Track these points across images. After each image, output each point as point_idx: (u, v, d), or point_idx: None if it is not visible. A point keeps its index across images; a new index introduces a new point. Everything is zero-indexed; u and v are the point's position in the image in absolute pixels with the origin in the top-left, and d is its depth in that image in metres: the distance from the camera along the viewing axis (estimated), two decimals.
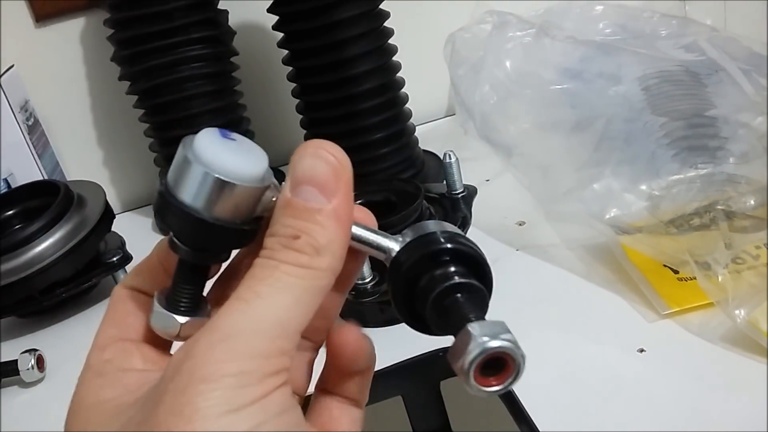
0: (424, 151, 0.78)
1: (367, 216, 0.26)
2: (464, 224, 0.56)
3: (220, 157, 0.22)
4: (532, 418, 0.41)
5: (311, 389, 0.28)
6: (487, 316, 0.24)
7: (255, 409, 0.20)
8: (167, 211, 0.23)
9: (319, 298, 0.23)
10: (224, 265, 0.27)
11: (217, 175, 0.22)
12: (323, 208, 0.23)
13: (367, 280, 0.50)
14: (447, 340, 0.42)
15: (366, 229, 0.25)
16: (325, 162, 0.23)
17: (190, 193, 0.23)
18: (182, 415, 0.20)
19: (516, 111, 0.66)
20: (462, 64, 0.69)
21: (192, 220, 0.23)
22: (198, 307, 0.25)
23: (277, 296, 0.22)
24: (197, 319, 0.25)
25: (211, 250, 0.25)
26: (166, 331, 0.25)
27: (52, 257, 0.61)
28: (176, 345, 0.24)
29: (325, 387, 0.27)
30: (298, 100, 0.74)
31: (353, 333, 0.26)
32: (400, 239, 0.25)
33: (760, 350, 0.43)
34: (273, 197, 0.24)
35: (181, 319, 0.24)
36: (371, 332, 0.29)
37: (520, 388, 0.42)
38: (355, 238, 0.25)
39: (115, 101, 0.83)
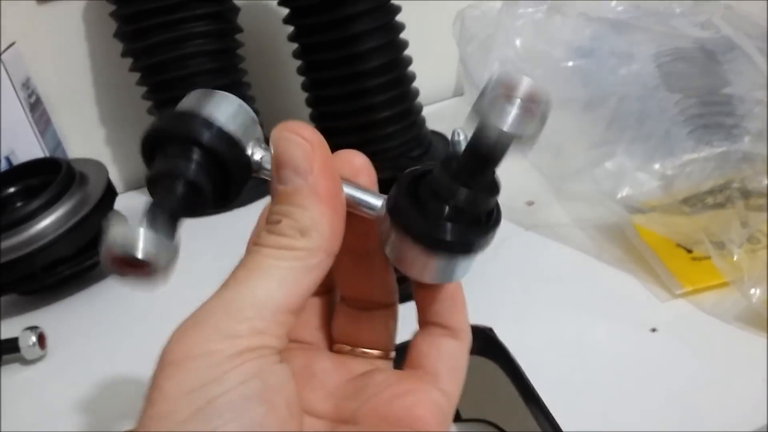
0: (432, 131, 0.77)
1: (365, 168, 0.26)
2: None
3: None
4: (542, 398, 0.40)
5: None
6: (496, 295, 0.23)
7: (214, 385, 0.20)
8: (191, 122, 0.24)
9: (312, 276, 0.23)
10: None
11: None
12: (299, 188, 0.23)
13: None
14: None
15: (357, 189, 0.25)
16: (294, 143, 0.23)
17: (224, 116, 0.24)
18: (150, 399, 0.21)
19: None
20: (471, 42, 0.68)
21: (225, 136, 0.24)
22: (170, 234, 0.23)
23: (254, 278, 0.22)
24: (161, 239, 0.22)
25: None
26: (125, 245, 0.22)
27: (53, 235, 0.60)
28: None
29: (419, 319, 0.27)
30: (303, 78, 0.73)
31: None
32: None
33: None
34: (260, 153, 0.25)
35: (142, 233, 0.22)
36: None
37: (529, 367, 0.41)
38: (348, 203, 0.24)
39: (118, 78, 0.82)
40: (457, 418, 0.45)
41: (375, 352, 0.27)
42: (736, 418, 0.38)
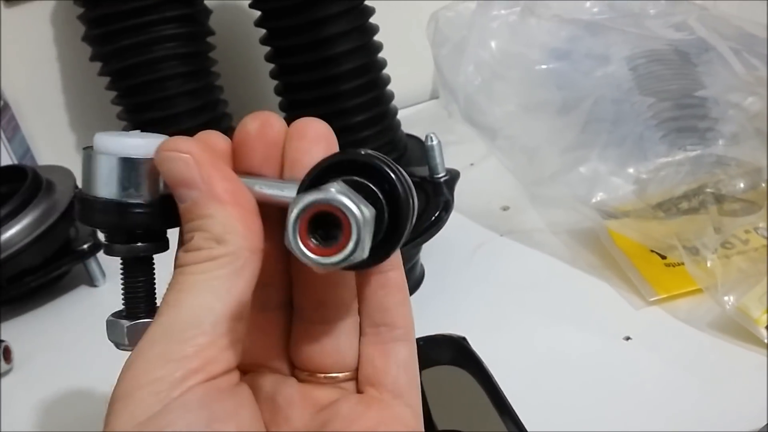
0: (407, 135, 0.76)
1: (324, 135, 0.24)
2: (447, 208, 0.54)
3: (115, 141, 0.23)
4: (515, 408, 0.39)
5: None
6: (470, 303, 0.22)
7: (160, 416, 0.20)
8: (90, 210, 0.24)
9: (243, 278, 0.22)
10: None
11: (118, 156, 0.23)
12: (196, 199, 0.23)
13: None
14: (427, 330, 0.40)
15: (273, 181, 0.24)
16: (173, 160, 0.23)
17: (102, 185, 0.23)
18: None
19: (501, 92, 0.64)
20: (445, 44, 0.67)
21: (112, 206, 0.23)
22: (150, 309, 0.25)
23: (185, 298, 0.22)
24: (143, 322, 0.24)
25: (139, 235, 0.24)
26: (116, 341, 0.24)
27: (19, 244, 0.59)
28: None
29: (363, 323, 0.25)
30: (276, 81, 0.72)
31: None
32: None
33: (749, 337, 0.42)
34: None
35: (126, 323, 0.24)
36: None
37: (503, 377, 0.40)
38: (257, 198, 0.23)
39: (88, 83, 0.80)
40: (432, 429, 0.45)
41: (340, 375, 0.26)
42: (712, 427, 0.38)
